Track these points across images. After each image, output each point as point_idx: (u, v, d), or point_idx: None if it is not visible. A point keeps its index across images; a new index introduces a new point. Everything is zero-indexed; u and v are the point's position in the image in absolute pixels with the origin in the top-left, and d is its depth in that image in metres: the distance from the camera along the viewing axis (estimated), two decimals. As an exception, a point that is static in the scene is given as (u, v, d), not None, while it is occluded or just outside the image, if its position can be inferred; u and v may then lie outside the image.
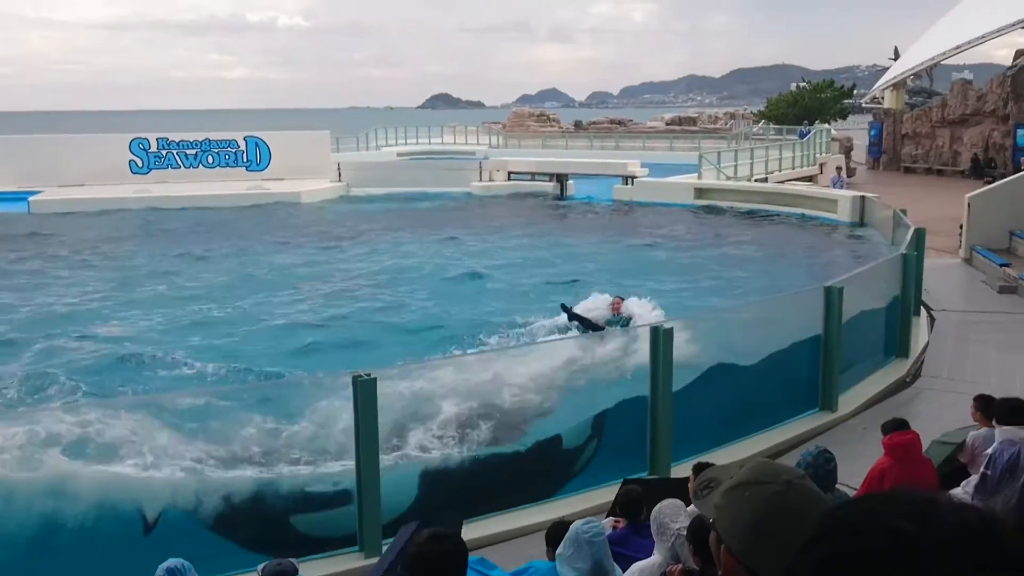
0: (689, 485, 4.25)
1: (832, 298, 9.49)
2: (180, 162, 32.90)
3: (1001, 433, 5.75)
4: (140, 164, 32.43)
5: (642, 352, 8.21)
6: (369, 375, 6.67)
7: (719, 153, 30.92)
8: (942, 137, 39.51)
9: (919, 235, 13.23)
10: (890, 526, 0.92)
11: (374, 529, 6.71)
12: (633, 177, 29.66)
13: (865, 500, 0.98)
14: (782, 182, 29.63)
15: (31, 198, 28.68)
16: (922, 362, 11.48)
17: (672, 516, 4.45)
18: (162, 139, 33.03)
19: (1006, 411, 5.84)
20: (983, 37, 36.14)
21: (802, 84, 61.75)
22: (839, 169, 30.48)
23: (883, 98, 45.01)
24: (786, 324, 10.09)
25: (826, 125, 44.85)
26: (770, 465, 1.71)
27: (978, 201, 18.08)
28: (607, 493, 7.01)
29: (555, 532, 4.67)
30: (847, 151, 41.44)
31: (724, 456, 7.80)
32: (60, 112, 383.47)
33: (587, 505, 7.25)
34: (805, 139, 35.82)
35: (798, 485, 1.60)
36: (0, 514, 6.39)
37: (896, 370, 11.08)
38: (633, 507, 5.19)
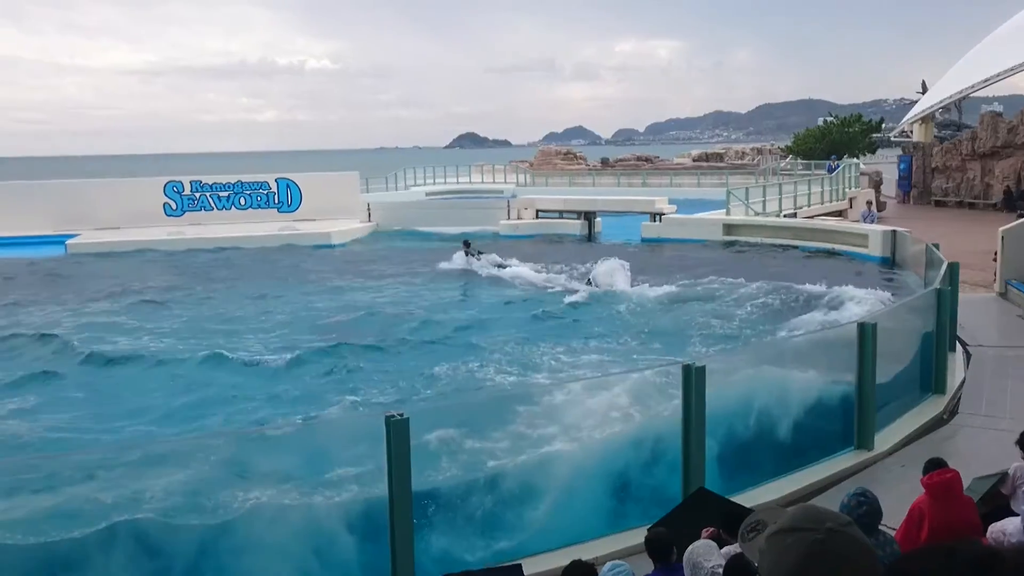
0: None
1: (866, 334, 9.40)
2: (213, 204, 33.42)
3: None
4: (174, 207, 32.98)
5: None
6: (402, 415, 6.70)
7: (747, 189, 30.86)
8: (973, 170, 39.19)
9: (952, 269, 13.09)
10: None
11: (407, 570, 6.70)
12: (661, 214, 29.66)
13: (926, 558, 0.98)
14: (811, 217, 29.49)
15: (68, 241, 29.22)
16: (959, 399, 11.30)
17: (705, 556, 4.42)
18: (196, 182, 33.61)
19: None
20: (1012, 69, 35.95)
21: (829, 119, 61.64)
22: (869, 203, 30.24)
23: (912, 132, 44.80)
24: (819, 361, 10.00)
25: (855, 159, 44.66)
26: (814, 511, 1.70)
27: (1012, 234, 17.87)
28: (635, 536, 6.98)
29: (574, 572, 4.63)
30: (877, 185, 41.19)
31: (758, 496, 7.72)
32: (94, 156, 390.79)
33: (617, 547, 7.20)
34: (834, 174, 35.67)
35: (841, 532, 1.59)
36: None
37: (933, 407, 10.92)
38: (662, 549, 5.15)
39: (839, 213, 32.69)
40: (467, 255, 24.65)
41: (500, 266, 23.64)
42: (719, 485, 7.96)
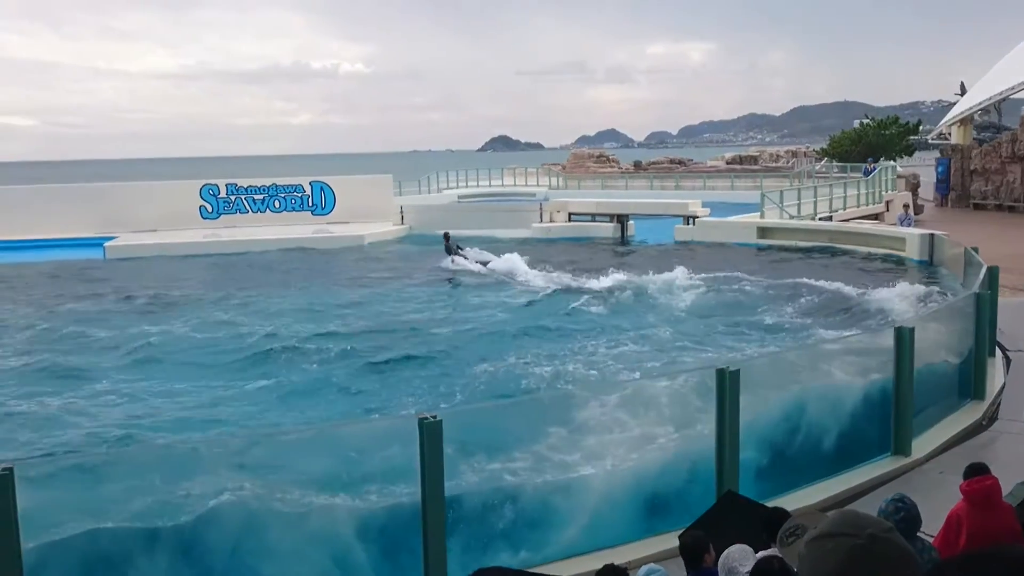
0: None
1: (903, 339, 9.29)
2: (248, 207, 33.77)
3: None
4: (210, 209, 33.37)
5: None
6: (435, 417, 6.73)
7: (782, 192, 30.62)
8: (1013, 172, 38.57)
9: (992, 273, 12.89)
10: None
11: (439, 570, 6.72)
12: (695, 217, 29.50)
13: (967, 563, 0.98)
14: (847, 220, 29.20)
15: (107, 243, 29.64)
16: (998, 404, 11.12)
17: (741, 560, 4.39)
18: (231, 185, 33.99)
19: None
20: (1053, 70, 35.37)
21: (865, 121, 60.99)
22: (906, 207, 29.93)
23: (950, 134, 44.21)
24: (855, 365, 9.89)
25: (891, 162, 44.15)
26: (856, 516, 1.68)
27: (1053, 238, 17.58)
28: (666, 540, 6.96)
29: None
30: (914, 188, 40.70)
31: (793, 501, 7.65)
32: (130, 160, 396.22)
33: (649, 552, 7.18)
34: (870, 176, 35.29)
35: (882, 539, 1.57)
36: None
37: (971, 413, 10.76)
38: (696, 553, 5.12)
39: (875, 216, 32.33)
40: (448, 252, 25.13)
41: (483, 263, 23.98)
42: (754, 489, 7.89)
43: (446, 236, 26.02)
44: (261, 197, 33.97)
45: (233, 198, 33.69)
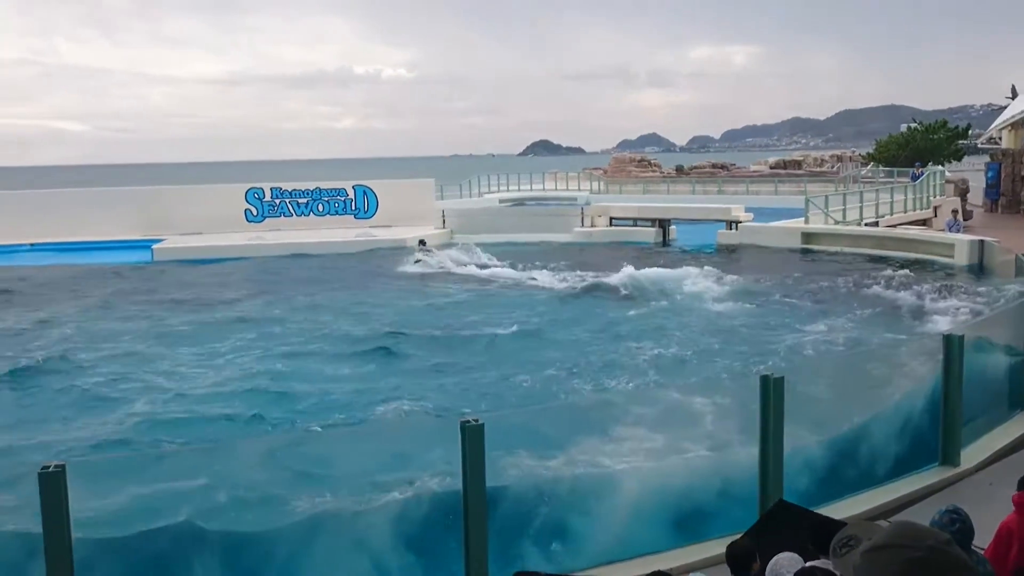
0: None
1: (952, 346, 9.13)
2: (292, 210, 34.19)
3: None
4: (255, 212, 33.83)
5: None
6: (477, 421, 6.75)
7: (827, 197, 30.24)
8: (1066, 178, 37.74)
9: (1045, 281, 12.64)
10: None
11: (480, 572, 6.75)
12: (737, 222, 29.27)
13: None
14: (893, 226, 28.76)
15: (155, 246, 30.20)
16: (1051, 415, 10.87)
17: (789, 568, 4.34)
18: (276, 188, 34.44)
19: None
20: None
21: (913, 125, 59.96)
22: (955, 212, 29.33)
23: (1000, 138, 43.33)
24: (903, 372, 9.75)
25: (940, 167, 43.38)
26: (913, 527, 1.65)
27: (1108, 245, 17.17)
28: (710, 548, 6.91)
29: None
30: (963, 193, 39.93)
31: (840, 510, 7.55)
32: (177, 164, 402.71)
33: (693, 559, 7.13)
34: (918, 182, 34.72)
35: (941, 551, 1.55)
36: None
37: (1022, 424, 10.53)
38: (744, 562, 5.07)
39: (923, 222, 31.80)
40: (421, 252, 26.76)
41: (481, 265, 25.37)
42: (799, 497, 7.81)
43: (421, 242, 27.74)
44: (305, 201, 34.37)
45: (277, 201, 34.13)
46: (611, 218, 32.42)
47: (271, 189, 34.32)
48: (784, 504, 6.21)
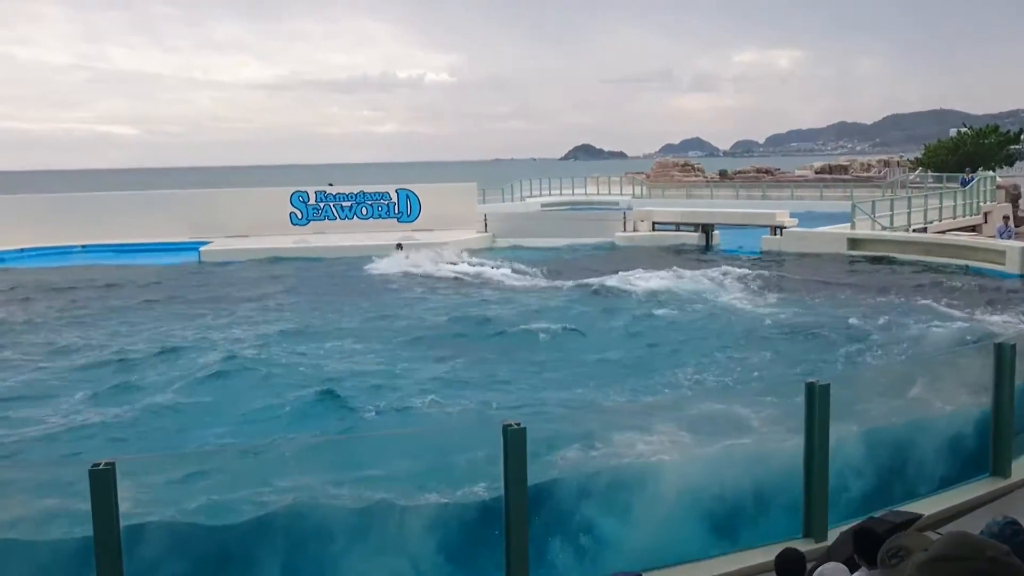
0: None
1: (1004, 355, 8.94)
2: (336, 214, 34.54)
3: None
4: (300, 216, 34.24)
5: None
6: (519, 424, 6.74)
7: (874, 202, 29.82)
8: (1122, 184, 36.82)
9: (1100, 289, 12.34)
10: None
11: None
12: (782, 227, 28.97)
13: None
14: (942, 232, 28.27)
15: (202, 248, 30.69)
16: (1107, 427, 10.60)
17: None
18: (320, 192, 34.83)
19: None
20: None
21: (963, 129, 58.91)
22: (1006, 218, 28.74)
23: (1054, 143, 42.44)
24: (953, 382, 9.58)
25: (990, 172, 42.55)
26: (971, 539, 1.61)
27: None
28: (760, 555, 6.83)
29: None
30: (1014, 199, 39.15)
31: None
32: (224, 167, 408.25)
33: (735, 567, 7.06)
34: (967, 187, 34.10)
35: (1003, 562, 1.50)
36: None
37: (1077, 435, 10.28)
38: (795, 566, 5.02)
39: (973, 228, 31.24)
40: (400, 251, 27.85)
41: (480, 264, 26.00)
42: (844, 506, 7.72)
43: (399, 246, 28.64)
44: (349, 204, 34.71)
45: (322, 205, 34.51)
46: (654, 223, 32.26)
47: (315, 193, 34.71)
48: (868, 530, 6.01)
